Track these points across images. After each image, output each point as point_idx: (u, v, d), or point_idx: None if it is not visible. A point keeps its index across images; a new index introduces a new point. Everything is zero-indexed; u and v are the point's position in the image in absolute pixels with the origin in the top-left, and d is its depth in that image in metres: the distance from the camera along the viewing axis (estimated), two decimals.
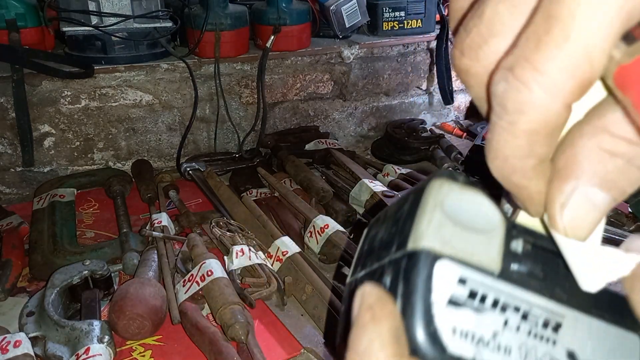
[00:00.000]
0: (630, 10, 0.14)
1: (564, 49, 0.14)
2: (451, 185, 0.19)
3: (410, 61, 1.48)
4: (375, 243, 0.21)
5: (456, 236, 0.18)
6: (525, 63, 0.15)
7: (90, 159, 1.22)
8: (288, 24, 1.27)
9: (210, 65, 1.23)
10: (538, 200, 0.17)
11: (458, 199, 0.19)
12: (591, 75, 0.15)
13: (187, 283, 0.78)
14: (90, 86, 1.15)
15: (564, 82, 0.15)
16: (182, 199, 1.10)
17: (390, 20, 1.44)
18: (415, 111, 1.56)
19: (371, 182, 1.06)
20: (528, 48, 0.15)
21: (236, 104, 1.30)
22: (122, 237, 0.93)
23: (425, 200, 0.19)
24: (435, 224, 0.18)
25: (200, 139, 1.30)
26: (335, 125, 1.45)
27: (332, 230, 0.91)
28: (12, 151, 1.14)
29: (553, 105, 0.15)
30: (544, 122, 0.15)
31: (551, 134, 0.16)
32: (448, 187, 0.19)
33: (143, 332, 0.72)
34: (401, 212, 0.20)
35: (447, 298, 0.17)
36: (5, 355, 0.64)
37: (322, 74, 1.36)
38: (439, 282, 0.17)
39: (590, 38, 0.14)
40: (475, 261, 0.18)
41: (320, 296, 0.76)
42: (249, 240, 0.90)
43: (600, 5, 0.14)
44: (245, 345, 0.68)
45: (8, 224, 0.98)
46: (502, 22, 0.16)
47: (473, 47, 0.17)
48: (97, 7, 1.13)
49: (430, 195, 0.19)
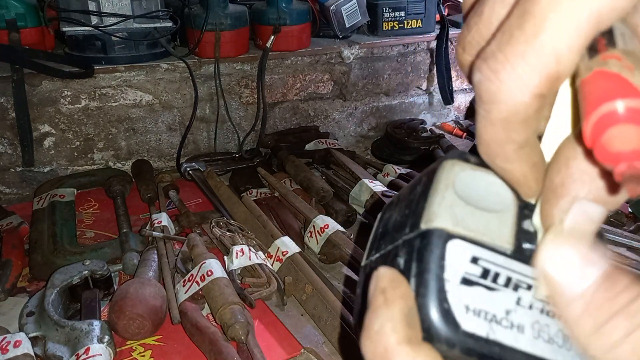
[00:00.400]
0: (599, 17, 0.15)
1: (533, 46, 0.15)
2: (463, 166, 0.19)
3: (410, 61, 1.48)
4: (389, 225, 0.21)
5: (468, 215, 0.18)
6: (498, 54, 0.16)
7: (90, 159, 1.22)
8: (288, 24, 1.27)
9: (210, 65, 1.23)
10: (524, 182, 0.18)
11: (470, 179, 0.19)
12: (558, 73, 0.15)
13: (187, 283, 0.78)
14: (90, 86, 1.15)
15: (531, 76, 0.15)
16: (182, 199, 1.10)
17: (390, 20, 1.44)
18: (415, 111, 1.56)
19: (371, 182, 1.06)
20: (502, 41, 0.16)
21: (236, 104, 1.30)
22: (122, 237, 0.93)
23: (437, 181, 0.19)
24: (447, 204, 0.18)
25: (200, 139, 1.30)
26: (335, 125, 1.45)
27: (332, 230, 0.91)
28: (12, 151, 1.14)
29: (521, 96, 0.16)
30: (515, 111, 0.16)
31: (524, 122, 0.16)
32: (460, 168, 0.19)
33: (143, 332, 0.72)
34: (414, 193, 0.20)
35: (460, 276, 0.17)
36: (5, 355, 0.64)
37: (322, 74, 1.36)
38: (452, 261, 0.17)
39: (558, 38, 0.15)
40: (487, 240, 0.18)
41: (320, 296, 0.76)
42: (249, 240, 0.90)
43: (571, 7, 0.15)
44: (245, 345, 0.68)
45: (8, 224, 0.98)
46: (498, 20, 0.17)
47: (473, 43, 0.18)
48: (97, 7, 1.13)
49: (442, 175, 0.19)
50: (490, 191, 0.19)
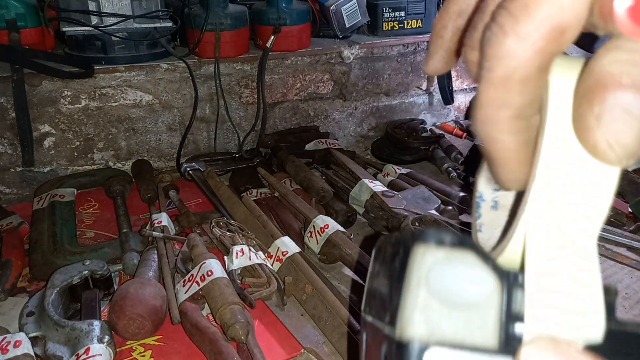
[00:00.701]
0: None
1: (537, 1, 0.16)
2: (436, 255, 0.18)
3: (410, 61, 1.48)
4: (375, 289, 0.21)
5: (445, 318, 0.17)
6: (504, 11, 0.16)
7: (90, 159, 1.22)
8: (288, 24, 1.27)
9: (210, 65, 1.23)
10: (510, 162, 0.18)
11: (445, 270, 0.17)
12: (561, 25, 0.16)
13: (187, 283, 0.79)
14: (90, 86, 1.15)
15: (533, 29, 0.16)
16: (182, 199, 1.10)
17: (390, 20, 1.44)
18: (415, 111, 1.56)
19: (371, 182, 1.06)
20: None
21: (236, 104, 1.30)
22: (122, 237, 0.93)
23: (409, 274, 0.18)
24: (421, 306, 0.17)
25: (200, 139, 1.30)
26: (335, 125, 1.45)
27: (332, 230, 0.91)
28: (12, 151, 1.14)
29: (523, 51, 0.16)
30: (515, 66, 0.16)
31: (524, 82, 0.16)
32: (433, 259, 0.18)
33: (143, 332, 0.72)
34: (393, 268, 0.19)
35: None
36: (5, 355, 0.64)
37: (322, 74, 1.36)
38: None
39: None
40: (468, 342, 0.17)
41: (320, 296, 0.76)
42: (249, 240, 0.90)
43: None
44: (245, 345, 0.68)
45: (8, 224, 0.98)
46: None
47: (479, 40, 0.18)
48: (97, 7, 1.13)
49: (414, 268, 0.18)
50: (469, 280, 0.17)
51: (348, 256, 0.87)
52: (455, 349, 0.17)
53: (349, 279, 0.88)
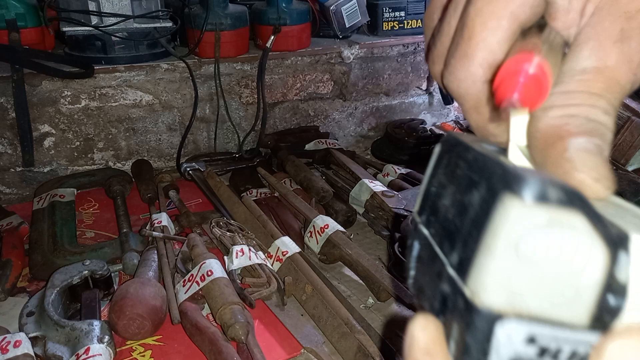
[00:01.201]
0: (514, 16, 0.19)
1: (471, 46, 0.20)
2: (534, 217, 0.14)
3: (410, 61, 1.47)
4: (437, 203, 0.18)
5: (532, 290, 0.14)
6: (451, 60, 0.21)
7: (90, 159, 1.22)
8: (288, 24, 1.27)
9: (210, 65, 1.23)
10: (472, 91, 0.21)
11: (544, 239, 0.14)
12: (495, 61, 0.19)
13: (187, 283, 0.78)
14: (90, 86, 1.15)
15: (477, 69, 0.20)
16: (182, 199, 1.10)
17: (390, 20, 1.44)
18: (415, 111, 1.56)
19: (371, 182, 1.06)
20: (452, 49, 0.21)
21: (236, 104, 1.30)
22: (122, 237, 0.93)
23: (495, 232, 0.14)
24: (504, 276, 0.14)
25: (200, 139, 1.30)
26: (335, 125, 1.45)
27: (332, 230, 0.91)
28: (12, 151, 1.14)
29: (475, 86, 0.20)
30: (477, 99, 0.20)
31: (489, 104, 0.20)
32: (529, 222, 0.14)
33: (143, 332, 0.72)
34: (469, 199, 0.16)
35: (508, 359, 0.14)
36: (5, 355, 0.64)
37: (322, 74, 1.36)
38: (500, 345, 0.14)
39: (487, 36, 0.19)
40: (554, 317, 0.14)
41: (320, 296, 0.76)
42: (249, 240, 0.90)
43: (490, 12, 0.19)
44: (245, 345, 0.68)
45: (8, 224, 0.98)
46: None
47: (440, 56, 0.22)
48: (97, 7, 1.13)
49: (503, 230, 0.14)
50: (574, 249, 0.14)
51: (348, 256, 0.87)
52: (534, 323, 0.14)
53: (349, 279, 0.88)
